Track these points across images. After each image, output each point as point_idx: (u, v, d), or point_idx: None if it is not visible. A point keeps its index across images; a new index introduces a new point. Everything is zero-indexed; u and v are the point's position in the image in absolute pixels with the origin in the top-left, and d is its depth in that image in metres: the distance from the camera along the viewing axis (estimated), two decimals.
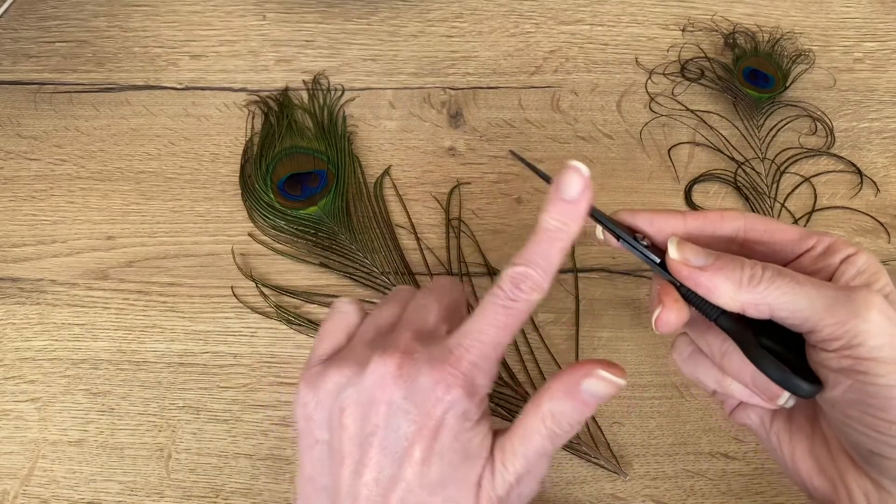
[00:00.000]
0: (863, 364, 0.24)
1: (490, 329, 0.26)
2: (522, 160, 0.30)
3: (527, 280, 0.26)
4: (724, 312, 0.26)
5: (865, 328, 0.23)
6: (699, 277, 0.26)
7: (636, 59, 0.52)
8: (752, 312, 0.25)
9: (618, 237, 0.28)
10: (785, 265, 0.27)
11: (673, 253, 0.27)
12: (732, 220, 0.28)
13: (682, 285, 0.26)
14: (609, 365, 0.26)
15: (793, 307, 0.25)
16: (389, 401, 0.26)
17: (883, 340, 0.24)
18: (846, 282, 0.26)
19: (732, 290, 0.25)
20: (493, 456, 0.27)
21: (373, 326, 0.30)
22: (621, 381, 0.26)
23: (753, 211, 0.45)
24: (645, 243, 0.27)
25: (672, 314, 0.27)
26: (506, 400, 0.39)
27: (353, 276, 0.42)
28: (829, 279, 0.26)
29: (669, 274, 0.27)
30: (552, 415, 0.26)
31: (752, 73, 0.50)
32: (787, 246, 0.27)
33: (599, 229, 0.28)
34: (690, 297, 0.27)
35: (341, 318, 0.31)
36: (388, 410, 0.26)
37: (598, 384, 0.26)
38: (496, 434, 0.27)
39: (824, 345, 0.24)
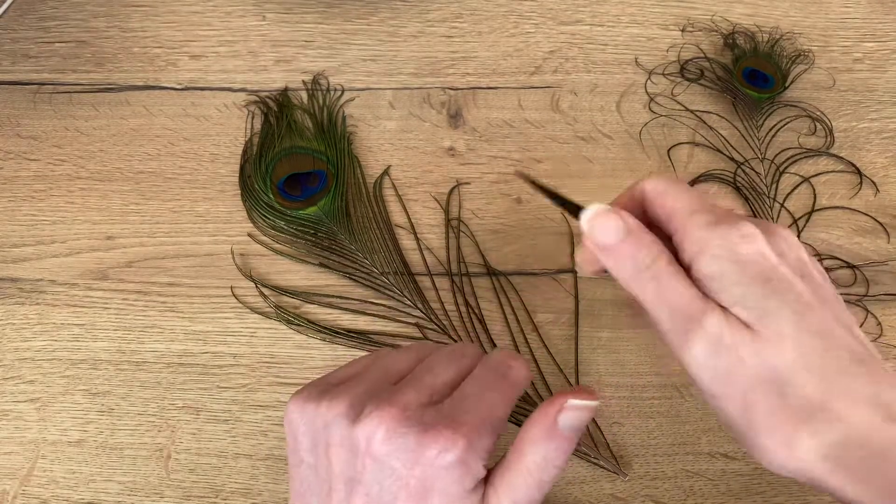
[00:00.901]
0: (699, 389, 0.26)
1: (489, 396, 0.26)
2: (531, 182, 0.30)
3: (517, 358, 0.28)
4: None
5: (688, 362, 0.25)
6: (601, 256, 0.28)
7: (636, 59, 0.52)
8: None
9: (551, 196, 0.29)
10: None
11: (583, 224, 0.28)
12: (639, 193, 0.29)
13: None
14: (577, 391, 0.26)
15: (652, 316, 0.26)
16: (375, 457, 0.25)
17: (706, 374, 0.25)
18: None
19: (618, 275, 0.27)
20: None
21: (382, 369, 0.29)
22: (594, 403, 0.26)
23: (753, 212, 0.45)
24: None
25: (587, 262, 0.29)
26: None
27: (353, 277, 0.42)
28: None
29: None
30: (536, 465, 0.25)
31: (752, 74, 0.50)
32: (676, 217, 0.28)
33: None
34: None
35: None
36: (374, 466, 0.25)
37: (574, 415, 0.26)
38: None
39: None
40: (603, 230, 0.27)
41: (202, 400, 0.39)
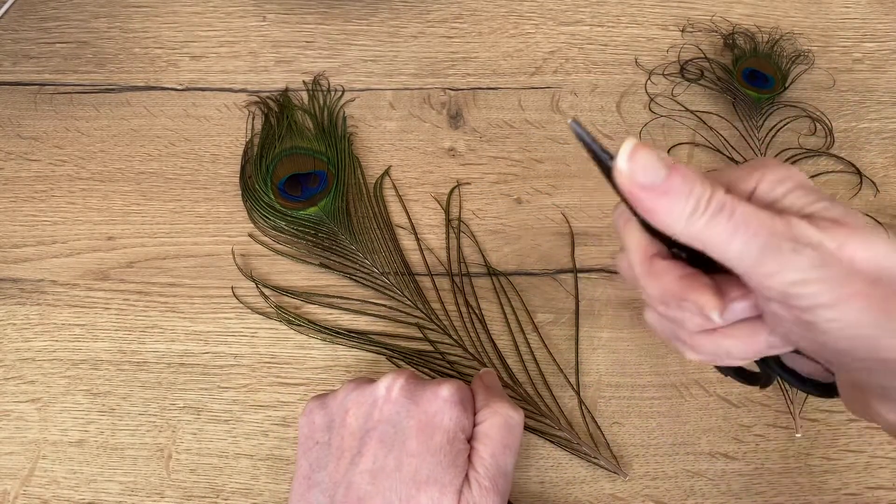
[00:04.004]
0: (806, 314, 0.22)
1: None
2: (584, 137, 0.24)
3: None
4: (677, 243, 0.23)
5: (791, 281, 0.21)
6: (641, 200, 0.23)
7: (636, 59, 0.52)
8: (693, 244, 0.23)
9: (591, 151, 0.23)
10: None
11: (622, 164, 0.22)
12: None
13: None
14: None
15: (724, 251, 0.22)
16: (395, 400, 0.31)
17: (815, 287, 0.21)
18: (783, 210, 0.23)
19: (674, 220, 0.22)
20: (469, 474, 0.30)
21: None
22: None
23: None
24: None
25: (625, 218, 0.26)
26: None
27: (354, 277, 0.42)
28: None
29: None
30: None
31: (752, 74, 0.50)
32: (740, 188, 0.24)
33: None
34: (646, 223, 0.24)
35: None
36: (392, 408, 0.31)
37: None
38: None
39: (764, 294, 0.23)
40: (646, 169, 0.22)
41: (203, 400, 0.39)
